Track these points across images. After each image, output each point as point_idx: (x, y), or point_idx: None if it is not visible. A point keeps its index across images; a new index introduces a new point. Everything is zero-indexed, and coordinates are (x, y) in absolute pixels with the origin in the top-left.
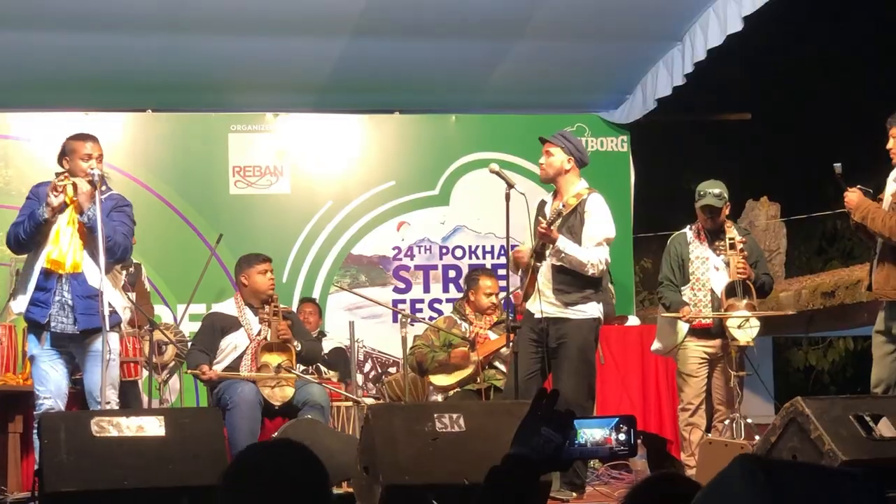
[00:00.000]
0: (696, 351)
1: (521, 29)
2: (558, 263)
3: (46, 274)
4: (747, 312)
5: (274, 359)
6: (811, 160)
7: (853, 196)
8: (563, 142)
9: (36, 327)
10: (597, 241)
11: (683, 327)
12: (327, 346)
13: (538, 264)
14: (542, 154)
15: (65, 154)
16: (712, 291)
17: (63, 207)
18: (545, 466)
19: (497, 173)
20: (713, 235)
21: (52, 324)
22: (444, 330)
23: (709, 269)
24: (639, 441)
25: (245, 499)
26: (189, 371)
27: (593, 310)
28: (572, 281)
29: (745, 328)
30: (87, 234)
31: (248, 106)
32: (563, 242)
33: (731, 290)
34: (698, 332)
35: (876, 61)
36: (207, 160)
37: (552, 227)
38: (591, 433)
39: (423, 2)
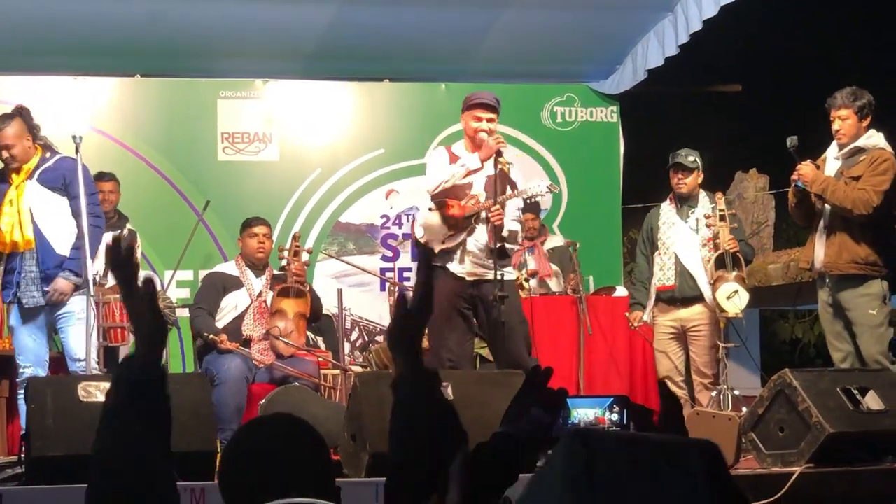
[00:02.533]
0: (664, 326)
1: None
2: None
3: (5, 254)
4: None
5: (289, 305)
6: (801, 133)
7: (808, 169)
8: (499, 107)
9: (11, 302)
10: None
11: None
12: None
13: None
14: (485, 121)
15: None
16: (676, 256)
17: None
18: (534, 446)
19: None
20: (682, 202)
21: (24, 300)
22: None
23: (674, 233)
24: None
25: (248, 478)
26: (204, 335)
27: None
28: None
29: (733, 299)
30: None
31: (238, 72)
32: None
33: (720, 262)
34: (663, 297)
35: (868, 35)
36: (196, 126)
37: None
38: (584, 413)
39: None
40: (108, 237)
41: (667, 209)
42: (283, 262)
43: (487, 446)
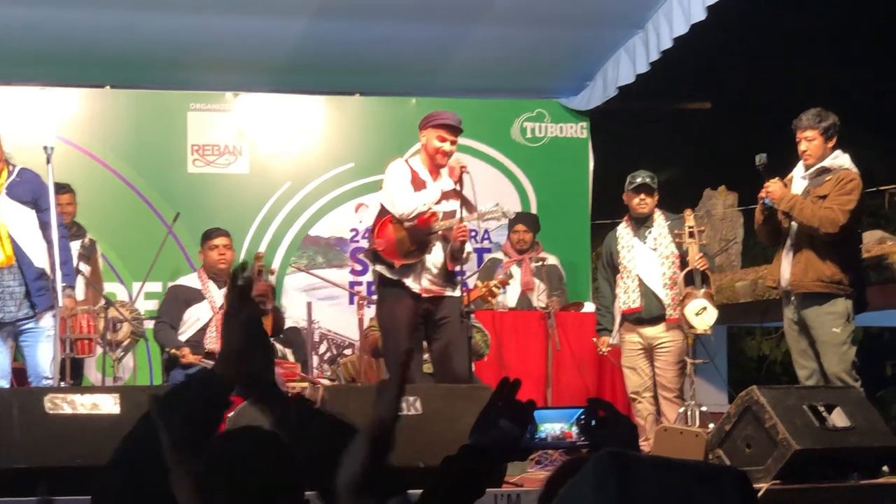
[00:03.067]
0: (631, 343)
1: (483, 12)
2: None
3: None
4: (705, 301)
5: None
6: (769, 151)
7: (776, 187)
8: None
9: None
10: None
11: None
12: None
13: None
14: (449, 143)
15: None
16: (639, 277)
17: None
18: (502, 458)
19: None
20: (639, 223)
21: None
22: None
23: (635, 256)
24: None
25: (217, 489)
26: (169, 350)
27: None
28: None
29: (702, 316)
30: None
31: (208, 84)
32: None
33: (689, 279)
34: (630, 318)
35: (837, 53)
36: (166, 138)
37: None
38: (551, 427)
39: None
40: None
41: (624, 232)
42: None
43: (455, 459)
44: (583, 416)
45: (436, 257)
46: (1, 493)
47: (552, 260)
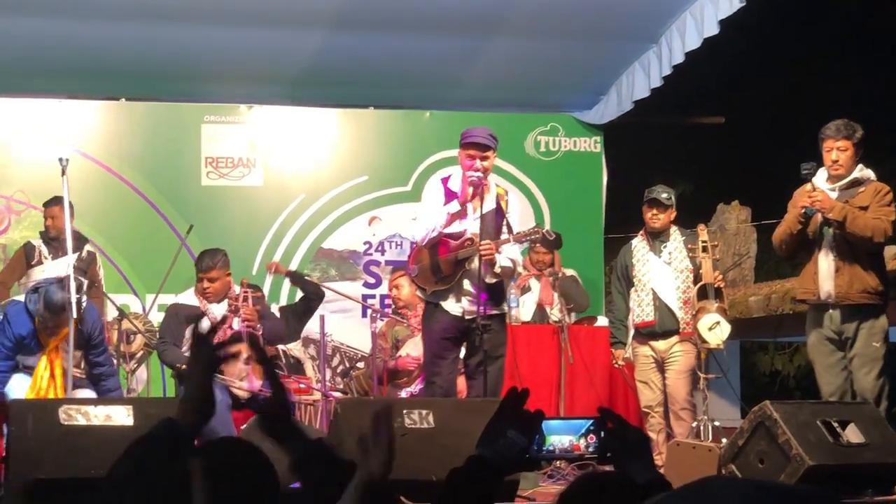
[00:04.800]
0: (644, 357)
1: (497, 27)
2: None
3: None
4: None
5: (242, 349)
6: (783, 165)
7: (825, 195)
8: (494, 142)
9: None
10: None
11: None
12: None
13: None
14: (479, 160)
15: None
16: (653, 291)
17: None
18: (509, 469)
19: None
20: (654, 237)
21: None
22: (400, 320)
23: (649, 269)
24: None
25: (193, 500)
26: (178, 367)
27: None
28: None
29: (715, 330)
30: None
31: (222, 97)
32: (503, 259)
33: (702, 293)
34: (643, 332)
35: (849, 68)
36: (180, 150)
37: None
38: (559, 440)
39: None
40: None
41: (639, 245)
42: (232, 308)
43: (462, 471)
44: (593, 427)
45: (474, 280)
46: (16, 503)
47: (569, 272)
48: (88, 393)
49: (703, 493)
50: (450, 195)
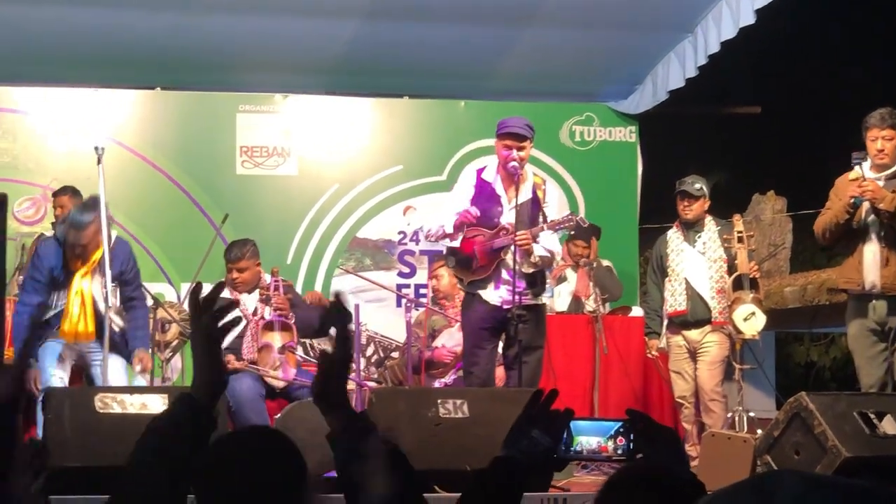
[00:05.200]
0: (677, 347)
1: (532, 16)
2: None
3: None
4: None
5: (275, 338)
6: (819, 155)
7: (876, 185)
8: (531, 132)
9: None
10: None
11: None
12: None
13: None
14: (515, 150)
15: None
16: (686, 281)
17: None
18: (535, 469)
19: None
20: (689, 227)
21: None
22: (437, 311)
23: (683, 259)
24: None
25: (219, 491)
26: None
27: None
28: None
29: (750, 321)
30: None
31: (257, 86)
32: (540, 248)
33: (737, 284)
34: (676, 321)
35: (886, 56)
36: (215, 139)
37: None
38: (587, 441)
39: None
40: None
41: (674, 236)
42: (263, 298)
43: (487, 472)
44: (622, 429)
45: (512, 269)
46: (53, 491)
47: (605, 262)
48: (116, 361)
49: (759, 491)
50: (483, 186)
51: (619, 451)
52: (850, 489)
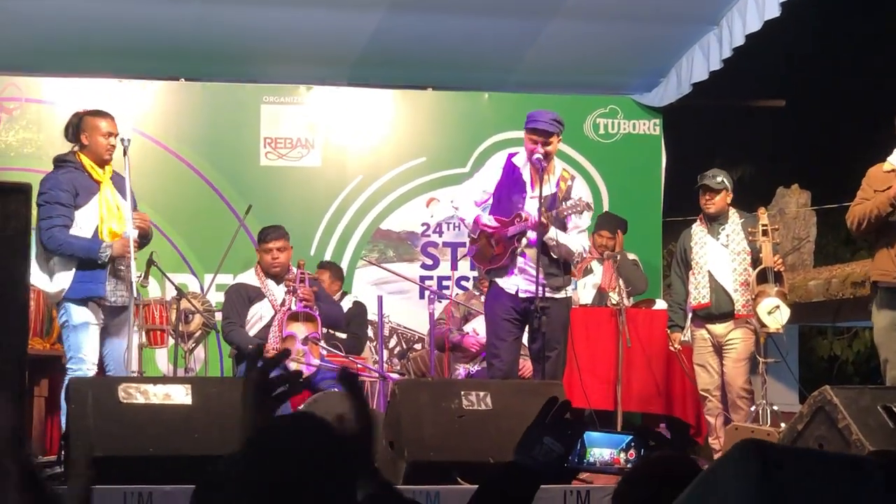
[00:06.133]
0: (702, 340)
1: (557, 8)
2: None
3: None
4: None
5: (299, 328)
6: (844, 149)
7: None
8: (558, 127)
9: (90, 300)
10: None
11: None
12: (347, 302)
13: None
14: (540, 145)
15: (82, 130)
16: (710, 273)
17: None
18: (546, 476)
19: None
20: (712, 220)
21: (111, 298)
22: (462, 303)
23: (707, 252)
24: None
25: (265, 477)
26: (243, 348)
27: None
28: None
29: (774, 314)
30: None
31: (281, 78)
32: (559, 234)
33: (761, 277)
34: (700, 315)
35: None
36: (239, 131)
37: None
38: (599, 453)
39: None
40: None
41: (698, 230)
42: (290, 289)
43: (498, 477)
44: (634, 442)
45: (532, 258)
46: (75, 480)
47: (630, 256)
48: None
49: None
50: (511, 170)
51: (631, 464)
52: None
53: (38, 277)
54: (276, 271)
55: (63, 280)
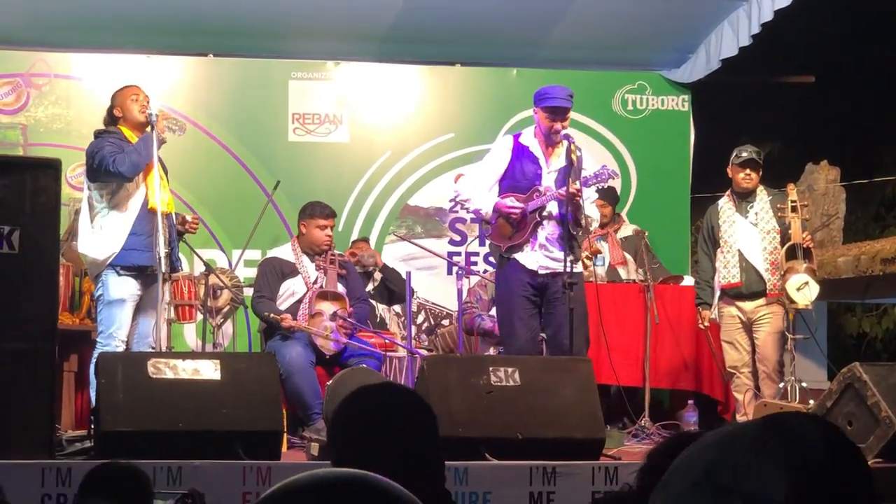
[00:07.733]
0: (730, 318)
1: None
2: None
3: (142, 217)
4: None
5: (328, 307)
6: (873, 125)
7: None
8: (572, 101)
9: (132, 270)
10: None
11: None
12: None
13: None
14: (558, 121)
15: (114, 107)
16: (740, 252)
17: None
18: None
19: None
20: (741, 197)
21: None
22: (491, 281)
23: (736, 230)
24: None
25: (357, 442)
26: (265, 314)
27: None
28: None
29: (803, 291)
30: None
31: (309, 53)
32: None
33: (791, 253)
34: (730, 293)
35: None
36: (267, 107)
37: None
38: None
39: None
40: None
41: (725, 206)
42: (322, 272)
43: None
44: None
45: (551, 232)
46: (105, 455)
47: (629, 229)
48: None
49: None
50: (521, 150)
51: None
52: None
53: (85, 243)
54: (325, 249)
55: (113, 244)
